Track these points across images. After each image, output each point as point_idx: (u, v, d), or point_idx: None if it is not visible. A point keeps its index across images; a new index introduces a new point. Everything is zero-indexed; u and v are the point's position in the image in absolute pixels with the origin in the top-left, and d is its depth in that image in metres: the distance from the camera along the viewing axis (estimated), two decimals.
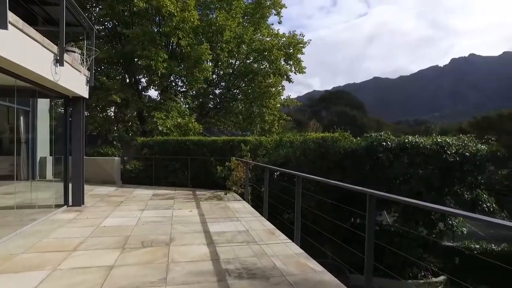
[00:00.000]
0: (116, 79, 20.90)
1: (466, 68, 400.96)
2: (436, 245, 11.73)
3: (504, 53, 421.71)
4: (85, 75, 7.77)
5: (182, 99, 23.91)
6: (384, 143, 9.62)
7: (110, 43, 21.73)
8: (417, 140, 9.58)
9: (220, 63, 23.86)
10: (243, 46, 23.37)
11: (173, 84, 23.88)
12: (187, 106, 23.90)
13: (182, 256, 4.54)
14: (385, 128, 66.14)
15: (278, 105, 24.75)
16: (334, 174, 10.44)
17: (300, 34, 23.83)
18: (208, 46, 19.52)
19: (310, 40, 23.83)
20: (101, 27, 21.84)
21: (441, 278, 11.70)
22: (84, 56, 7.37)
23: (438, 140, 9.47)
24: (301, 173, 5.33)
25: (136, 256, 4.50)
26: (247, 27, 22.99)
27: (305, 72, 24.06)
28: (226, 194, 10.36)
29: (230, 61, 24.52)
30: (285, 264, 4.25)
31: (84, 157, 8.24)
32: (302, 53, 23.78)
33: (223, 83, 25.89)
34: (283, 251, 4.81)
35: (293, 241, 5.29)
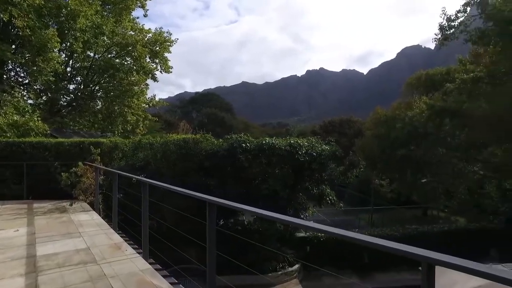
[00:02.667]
0: None
1: (318, 79, 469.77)
2: (292, 238, 12.91)
3: (343, 70, 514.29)
4: None
5: (25, 93, 19.92)
6: (244, 145, 9.98)
7: None
8: (273, 141, 10.29)
9: (76, 54, 20.81)
10: (104, 38, 21.01)
11: (12, 73, 19.64)
12: (29, 101, 20.03)
13: None
14: (252, 130, 70.66)
15: (144, 105, 23.30)
16: (196, 176, 10.30)
17: (167, 32, 22.94)
18: (56, 32, 16.67)
19: (177, 39, 23.29)
20: None
21: (296, 266, 12.95)
22: None
23: (291, 142, 10.39)
24: (148, 179, 4.84)
25: None
26: (108, 18, 20.78)
27: (171, 72, 23.39)
28: (71, 205, 8.90)
29: (88, 53, 21.73)
30: (126, 286, 3.73)
31: None
32: (169, 52, 23.00)
33: (79, 78, 22.77)
34: (127, 269, 4.24)
35: (142, 255, 4.78)
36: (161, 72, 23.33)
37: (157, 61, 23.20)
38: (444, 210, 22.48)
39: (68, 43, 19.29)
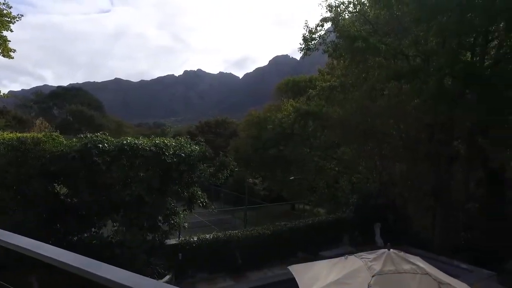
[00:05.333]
0: None
1: (195, 80, 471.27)
2: (162, 246, 11.81)
3: (220, 72, 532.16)
4: None
5: None
6: (101, 145, 8.48)
7: None
8: (136, 142, 9.07)
9: None
10: None
11: None
12: None
13: None
14: (125, 129, 65.29)
15: None
16: (39, 184, 8.29)
17: (4, 4, 18.30)
18: None
19: (21, 15, 18.82)
20: None
21: (167, 277, 11.92)
22: None
23: (157, 142, 9.40)
24: None
25: None
26: None
27: (13, 57, 18.89)
28: None
29: None
30: None
31: None
32: (10, 30, 18.47)
33: None
34: None
35: None
36: None
37: None
38: (308, 204, 24.87)
39: None
